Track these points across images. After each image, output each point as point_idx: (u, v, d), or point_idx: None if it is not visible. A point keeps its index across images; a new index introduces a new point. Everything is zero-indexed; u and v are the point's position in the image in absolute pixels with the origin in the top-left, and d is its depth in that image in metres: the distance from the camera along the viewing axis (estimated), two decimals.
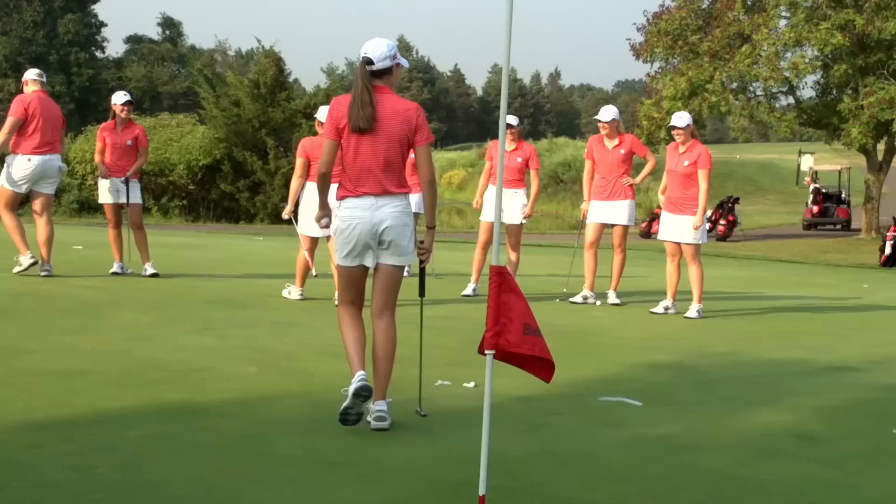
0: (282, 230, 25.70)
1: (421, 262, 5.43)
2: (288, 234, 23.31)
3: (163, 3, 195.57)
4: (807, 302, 12.63)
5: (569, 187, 52.64)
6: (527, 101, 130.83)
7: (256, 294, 10.24)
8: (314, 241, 9.74)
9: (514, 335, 3.87)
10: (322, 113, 9.22)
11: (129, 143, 11.09)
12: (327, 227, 5.68)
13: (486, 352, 3.93)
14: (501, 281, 3.88)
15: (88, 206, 31.18)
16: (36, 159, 10.23)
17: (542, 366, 4.02)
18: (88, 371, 6.12)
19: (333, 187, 5.71)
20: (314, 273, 10.10)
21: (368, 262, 5.29)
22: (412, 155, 5.35)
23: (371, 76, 5.20)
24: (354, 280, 5.36)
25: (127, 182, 11.01)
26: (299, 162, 9.51)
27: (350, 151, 5.21)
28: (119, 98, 11.18)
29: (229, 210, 32.84)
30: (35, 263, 10.28)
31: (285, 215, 9.76)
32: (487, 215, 11.00)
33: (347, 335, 5.33)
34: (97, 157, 11.28)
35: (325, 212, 5.56)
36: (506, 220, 10.63)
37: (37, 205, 10.40)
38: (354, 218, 5.22)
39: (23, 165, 10.18)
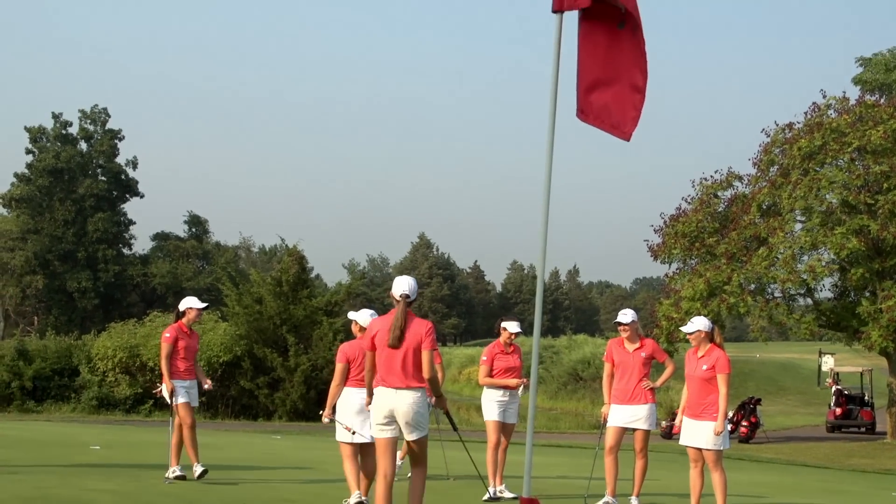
0: (300, 428, 25.56)
1: (445, 411, 7.94)
2: (306, 432, 23.17)
3: (190, 202, 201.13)
4: None
5: (588, 385, 52.33)
6: (546, 297, 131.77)
7: (272, 498, 10.09)
8: (355, 448, 9.18)
9: None
10: (359, 317, 9.31)
11: (197, 345, 11.28)
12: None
13: None
14: None
15: (107, 403, 31.19)
16: None
17: None
18: None
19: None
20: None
21: (393, 433, 7.56)
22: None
23: (406, 305, 7.57)
24: (384, 446, 7.59)
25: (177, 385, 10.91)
26: (340, 367, 9.18)
27: (382, 357, 7.57)
28: (198, 303, 11.21)
29: (248, 406, 32.65)
30: None
31: (325, 419, 9.31)
32: (490, 415, 11.16)
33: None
34: (164, 364, 10.91)
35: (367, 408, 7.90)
36: (506, 420, 11.16)
37: None
38: (383, 401, 7.54)
39: None
